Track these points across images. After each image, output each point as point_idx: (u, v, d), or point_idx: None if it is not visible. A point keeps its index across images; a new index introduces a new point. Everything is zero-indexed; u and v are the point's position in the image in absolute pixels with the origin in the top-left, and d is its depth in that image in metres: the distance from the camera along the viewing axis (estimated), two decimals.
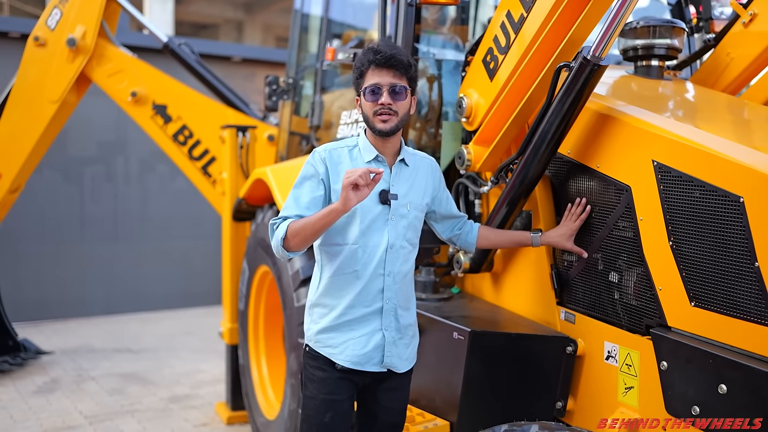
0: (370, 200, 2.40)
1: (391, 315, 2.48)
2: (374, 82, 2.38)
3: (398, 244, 2.47)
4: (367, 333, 2.45)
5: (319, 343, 2.47)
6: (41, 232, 8.42)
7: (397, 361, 2.52)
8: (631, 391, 2.58)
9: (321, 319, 2.48)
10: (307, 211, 2.40)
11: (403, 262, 2.50)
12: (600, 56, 2.51)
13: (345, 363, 2.44)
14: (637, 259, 2.57)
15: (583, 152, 2.82)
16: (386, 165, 2.48)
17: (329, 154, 2.46)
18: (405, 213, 2.48)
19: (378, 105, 2.38)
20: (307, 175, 2.46)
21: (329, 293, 2.47)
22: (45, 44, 5.88)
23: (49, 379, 6.09)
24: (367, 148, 2.47)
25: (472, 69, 3.21)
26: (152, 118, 5.86)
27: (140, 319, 8.67)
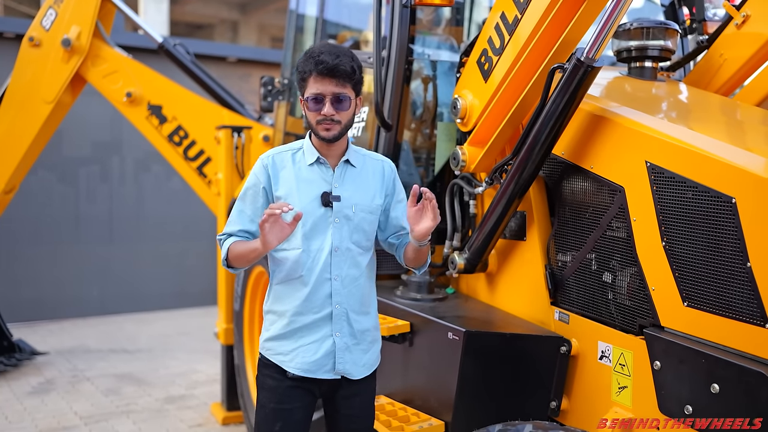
0: (312, 203, 2.35)
1: (343, 320, 2.40)
2: (317, 91, 2.29)
3: (344, 247, 2.39)
4: (317, 340, 2.38)
5: (270, 351, 2.42)
6: (36, 233, 8.40)
7: (352, 368, 2.43)
8: (624, 391, 2.59)
9: (271, 326, 2.44)
10: (251, 224, 2.39)
11: (352, 266, 2.41)
12: (593, 58, 2.52)
13: (295, 371, 2.37)
14: (631, 260, 2.59)
15: (577, 153, 2.83)
16: (329, 167, 2.40)
17: (272, 160, 2.41)
18: (350, 215, 2.39)
19: (321, 115, 2.30)
20: (249, 186, 2.43)
21: (279, 300, 2.42)
22: (40, 44, 5.87)
23: (44, 379, 6.08)
24: (310, 151, 2.41)
25: (467, 70, 3.23)
26: (147, 118, 5.85)
27: (135, 319, 8.66)
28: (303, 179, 2.38)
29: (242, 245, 2.34)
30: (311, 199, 2.35)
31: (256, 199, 2.40)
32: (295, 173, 2.39)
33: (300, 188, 2.36)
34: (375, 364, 2.55)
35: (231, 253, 2.35)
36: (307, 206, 2.34)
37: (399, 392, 3.30)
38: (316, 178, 2.39)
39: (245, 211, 2.42)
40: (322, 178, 2.39)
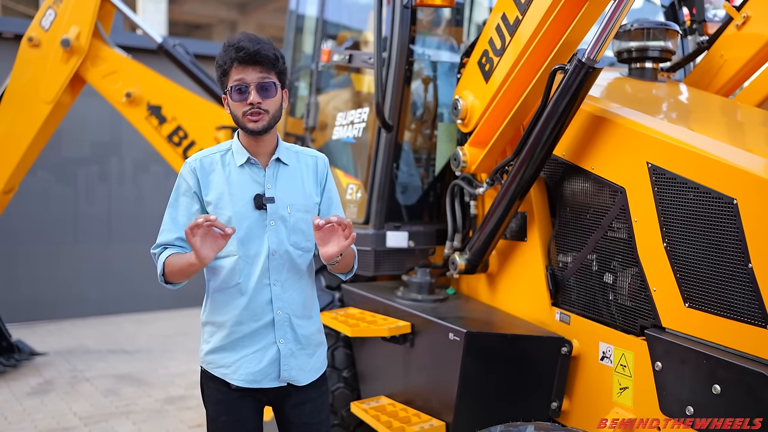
0: (245, 207, 2.23)
1: (286, 326, 2.29)
2: (240, 78, 2.16)
3: (282, 250, 2.27)
4: (260, 348, 2.26)
5: (212, 364, 2.29)
6: (35, 233, 8.38)
7: (298, 374, 2.31)
8: (625, 392, 2.59)
9: (211, 338, 2.30)
10: (180, 232, 2.25)
11: (291, 269, 2.29)
12: (595, 59, 2.53)
13: (239, 383, 2.25)
14: (632, 261, 2.59)
15: (578, 154, 2.83)
16: (260, 167, 2.28)
17: (200, 164, 2.27)
18: (286, 216, 2.27)
19: (247, 105, 2.17)
20: (180, 192, 2.29)
21: (216, 310, 2.28)
22: (39, 45, 5.86)
23: (43, 380, 6.07)
24: (239, 151, 2.27)
25: (468, 71, 3.23)
26: (147, 119, 5.85)
27: (134, 319, 8.64)
28: (234, 182, 2.26)
29: (177, 259, 2.21)
30: (244, 203, 2.24)
31: (190, 205, 2.27)
32: (225, 176, 2.26)
33: (232, 192, 2.24)
34: (322, 368, 2.42)
35: (167, 268, 2.21)
36: (240, 210, 2.23)
37: (400, 393, 3.31)
38: (248, 179, 2.27)
39: (179, 219, 2.27)
40: (254, 179, 2.27)
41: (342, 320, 3.33)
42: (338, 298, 3.72)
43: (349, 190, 3.70)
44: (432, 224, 3.63)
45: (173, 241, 2.26)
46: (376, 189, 3.45)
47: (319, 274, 3.75)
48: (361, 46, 4.87)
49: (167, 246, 2.27)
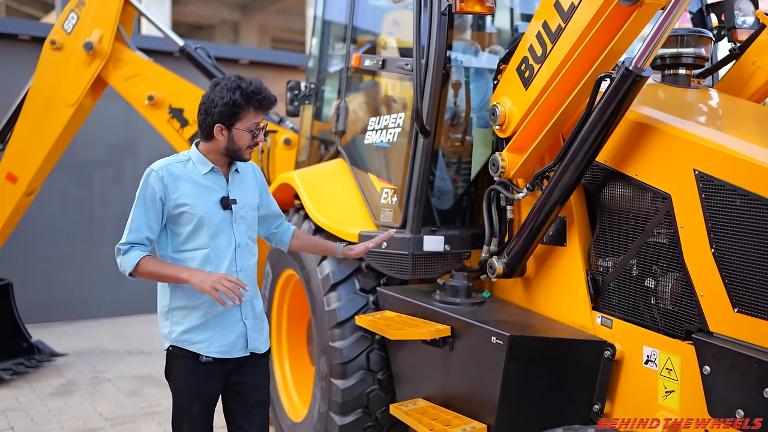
0: (214, 207, 2.65)
1: (248, 306, 2.74)
2: (255, 122, 2.63)
3: (243, 243, 2.72)
4: (230, 324, 2.69)
5: (186, 342, 2.66)
6: (51, 235, 8.41)
7: (259, 344, 2.78)
8: (671, 395, 2.63)
9: (183, 320, 2.67)
10: (150, 233, 2.63)
11: (250, 257, 2.77)
12: (642, 67, 2.57)
13: (214, 354, 2.65)
14: (677, 266, 2.63)
15: (620, 160, 2.87)
16: (221, 174, 2.72)
17: (167, 171, 2.63)
18: (244, 214, 2.74)
19: (253, 142, 2.66)
20: (146, 196, 2.62)
21: (187, 296, 2.66)
22: (61, 48, 5.90)
23: (65, 381, 6.11)
24: (202, 162, 2.69)
25: (506, 77, 3.27)
26: (169, 121, 5.87)
27: (148, 321, 8.66)
28: (202, 186, 2.66)
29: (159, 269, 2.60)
30: (211, 204, 2.65)
31: (154, 208, 2.62)
32: (192, 182, 2.65)
33: (201, 194, 2.65)
34: (269, 339, 2.90)
35: (143, 268, 2.59)
36: (209, 210, 2.64)
37: (438, 395, 3.34)
38: (212, 185, 2.69)
39: (147, 219, 2.62)
40: (217, 184, 2.70)
41: (381, 323, 3.37)
42: (372, 301, 3.76)
43: (384, 195, 3.74)
44: (467, 228, 3.67)
45: (142, 240, 2.63)
46: (413, 193, 3.49)
47: (353, 277, 3.79)
48: (379, 50, 4.91)
49: (134, 244, 2.63)
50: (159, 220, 2.64)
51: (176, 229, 2.67)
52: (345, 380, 3.66)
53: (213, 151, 2.69)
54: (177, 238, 2.68)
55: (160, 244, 2.73)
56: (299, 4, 19.99)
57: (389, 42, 4.81)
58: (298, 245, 3.13)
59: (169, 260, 2.69)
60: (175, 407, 2.73)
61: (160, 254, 2.75)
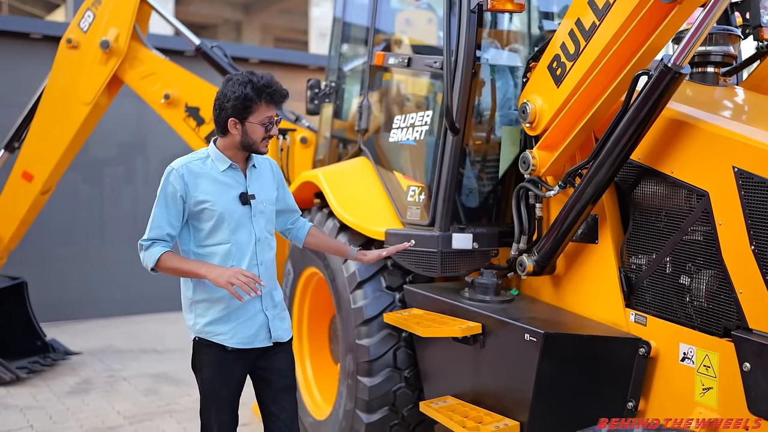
0: (234, 203, 2.70)
1: (268, 297, 2.80)
2: (269, 116, 2.68)
3: (263, 237, 2.77)
4: (251, 316, 2.74)
5: (210, 333, 2.72)
6: (62, 234, 8.40)
7: (282, 333, 2.84)
8: (709, 392, 2.64)
9: (206, 312, 2.73)
10: (172, 229, 2.68)
11: (269, 251, 2.81)
12: (681, 64, 2.57)
13: (237, 345, 2.72)
14: (715, 263, 2.63)
15: (655, 158, 2.88)
16: (239, 170, 2.76)
17: (187, 169, 2.68)
18: (263, 209, 2.79)
19: (267, 135, 2.70)
20: (167, 194, 2.69)
21: (208, 290, 2.71)
22: (78, 46, 5.89)
23: (80, 379, 6.10)
24: (220, 159, 2.73)
25: (536, 75, 3.27)
26: (185, 120, 5.86)
27: (159, 319, 8.67)
28: (221, 183, 2.71)
29: (179, 264, 2.65)
30: (230, 200, 2.70)
31: (175, 206, 2.67)
32: (211, 179, 2.70)
33: (221, 191, 2.70)
34: (291, 327, 2.96)
35: (164, 264, 2.64)
36: (229, 206, 2.69)
37: (468, 392, 3.35)
38: (231, 181, 2.73)
39: (168, 217, 2.68)
40: (236, 180, 2.74)
41: (411, 321, 3.37)
42: (398, 299, 3.76)
43: (411, 193, 3.74)
44: (494, 226, 3.67)
45: (164, 237, 2.68)
46: (442, 191, 3.49)
47: (379, 274, 3.79)
48: (393, 48, 4.91)
49: (156, 240, 2.68)
50: (180, 217, 2.70)
51: (198, 225, 2.73)
52: (372, 378, 3.67)
53: (230, 146, 2.74)
54: (199, 233, 2.73)
55: (182, 239, 2.78)
56: (302, 4, 20.02)
57: (404, 40, 4.81)
58: (313, 243, 3.13)
59: (192, 255, 2.75)
60: (203, 396, 2.80)
61: (182, 249, 2.80)
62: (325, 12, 19.08)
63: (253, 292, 2.55)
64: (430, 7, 5.05)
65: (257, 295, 2.59)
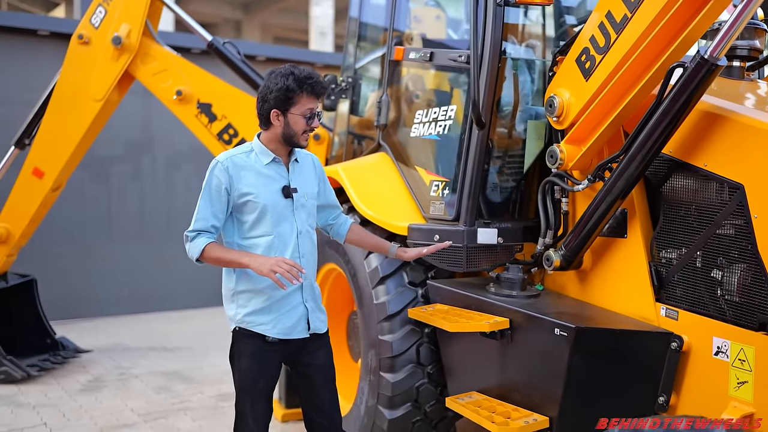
0: (277, 196, 2.76)
1: (308, 289, 2.85)
2: (311, 108, 2.73)
3: (304, 230, 2.82)
4: (292, 307, 2.79)
5: (251, 323, 2.77)
6: (69, 232, 8.36)
7: (320, 325, 2.89)
8: (744, 386, 2.62)
9: (248, 302, 2.78)
10: (216, 221, 2.74)
11: (310, 243, 2.86)
12: (717, 56, 2.56)
13: (277, 335, 2.77)
14: (750, 256, 2.62)
15: (687, 151, 2.86)
16: (282, 164, 2.81)
17: (231, 162, 2.74)
18: (305, 202, 2.84)
19: (308, 127, 2.76)
20: (212, 187, 2.74)
21: (251, 281, 2.77)
22: (89, 42, 5.86)
23: (92, 377, 6.07)
24: (264, 152, 2.79)
25: (564, 68, 3.25)
26: (197, 116, 5.84)
27: (166, 317, 8.64)
28: (264, 176, 2.76)
29: (223, 254, 2.70)
30: (273, 192, 2.76)
31: (219, 199, 2.73)
32: (255, 172, 2.76)
33: (264, 184, 2.75)
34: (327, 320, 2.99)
35: (208, 254, 2.69)
36: (272, 198, 2.75)
37: (494, 388, 3.33)
38: (274, 174, 2.78)
39: (212, 209, 2.73)
40: (279, 174, 2.79)
41: (438, 316, 3.36)
42: (421, 294, 3.74)
43: (434, 188, 3.72)
44: (518, 221, 3.65)
45: (208, 228, 2.73)
46: (467, 186, 3.47)
47: (401, 270, 3.77)
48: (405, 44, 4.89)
49: (201, 231, 2.73)
50: (224, 209, 2.75)
51: (241, 217, 2.78)
52: (395, 374, 3.65)
53: (272, 139, 2.79)
54: (243, 225, 2.78)
55: (226, 231, 2.83)
56: (302, 3, 20.00)
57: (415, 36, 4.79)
58: (354, 239, 3.18)
59: (236, 247, 2.80)
60: (240, 387, 2.83)
61: (226, 241, 2.84)
62: (325, 11, 19.06)
63: (295, 280, 2.57)
64: (438, 4, 5.04)
65: (299, 283, 2.62)
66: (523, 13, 4.64)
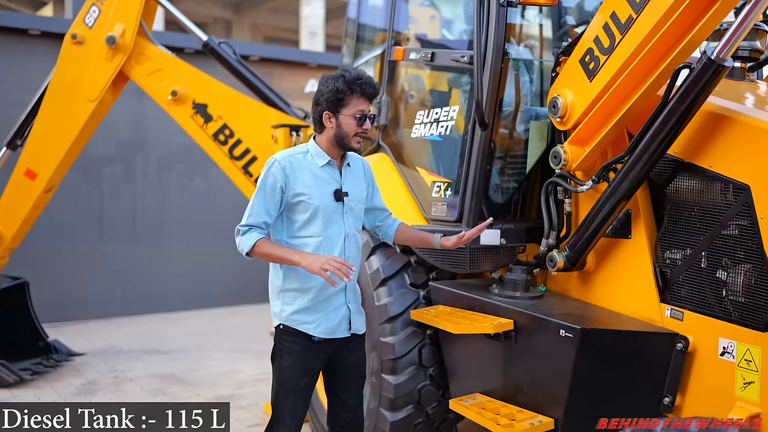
0: (329, 198, 2.80)
1: (351, 290, 2.90)
2: (361, 109, 2.76)
3: (351, 233, 2.87)
4: (336, 308, 2.84)
5: (296, 321, 2.81)
6: (61, 233, 8.30)
7: (360, 326, 2.95)
8: (751, 386, 2.62)
9: (294, 301, 2.82)
10: (268, 218, 2.78)
11: (355, 247, 2.90)
12: (725, 57, 2.56)
13: (321, 334, 2.81)
14: (756, 257, 2.62)
15: (692, 152, 2.86)
16: (335, 167, 2.86)
17: (288, 162, 2.78)
18: (353, 206, 2.88)
19: (360, 129, 2.77)
20: (267, 184, 2.78)
21: (300, 279, 2.81)
22: (83, 42, 5.81)
23: (85, 380, 6.02)
24: (319, 154, 2.83)
25: (567, 69, 3.25)
26: (192, 117, 5.79)
27: (160, 319, 8.59)
28: (318, 178, 2.81)
29: (273, 250, 2.74)
30: (326, 195, 2.80)
31: (273, 196, 2.77)
32: (311, 173, 2.80)
33: (317, 185, 2.80)
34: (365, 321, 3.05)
35: (259, 249, 2.73)
36: (325, 200, 2.79)
37: (497, 389, 3.32)
38: (328, 177, 2.83)
39: (265, 206, 2.77)
40: (332, 177, 2.84)
41: (441, 318, 3.34)
42: (423, 295, 3.73)
43: (435, 189, 3.71)
44: (521, 222, 3.65)
45: (260, 224, 2.78)
46: (470, 187, 3.46)
47: (403, 271, 3.76)
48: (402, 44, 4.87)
49: (252, 227, 2.77)
50: (277, 207, 2.79)
51: (293, 217, 2.82)
52: (397, 376, 3.63)
53: (326, 141, 2.84)
54: (293, 225, 2.83)
55: (275, 229, 2.87)
56: (292, 2, 19.93)
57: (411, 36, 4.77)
58: (401, 237, 3.19)
59: (284, 245, 2.84)
60: (279, 384, 2.85)
61: (275, 238, 2.88)
62: (315, 11, 19.02)
63: (345, 278, 2.61)
64: (432, 4, 5.03)
65: (349, 280, 2.68)
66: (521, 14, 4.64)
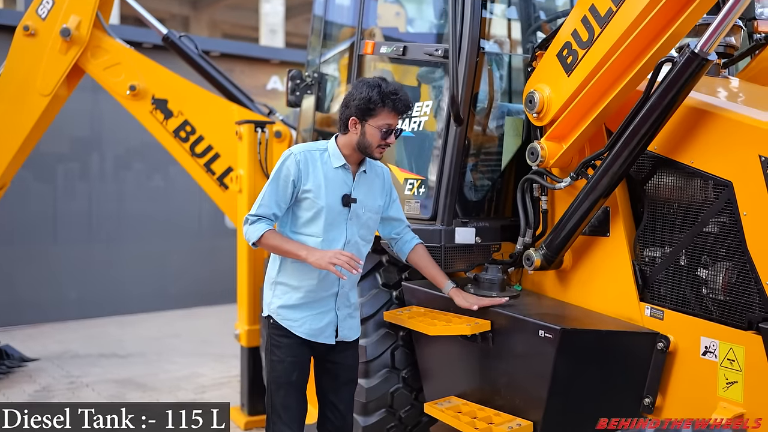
0: (336, 201, 2.76)
1: (344, 297, 2.87)
2: (389, 123, 2.72)
3: (353, 240, 2.82)
4: (322, 311, 2.81)
5: (280, 316, 2.80)
6: (11, 233, 7.97)
7: (349, 333, 2.91)
8: (733, 386, 2.58)
9: (284, 295, 2.82)
10: (278, 210, 2.76)
11: (358, 255, 2.83)
12: (708, 51, 2.51)
13: (303, 335, 2.80)
14: (738, 254, 2.59)
15: (673, 148, 2.82)
16: (350, 172, 2.82)
17: (304, 156, 2.76)
18: (361, 214, 2.83)
19: (384, 142, 2.74)
20: (280, 176, 2.75)
21: (294, 275, 2.80)
22: (35, 34, 5.55)
23: (39, 387, 5.76)
24: (337, 156, 2.80)
25: (544, 64, 3.18)
26: (152, 113, 5.60)
27: (117, 322, 8.31)
28: (330, 179, 2.76)
29: (280, 243, 2.73)
30: (334, 198, 2.75)
31: (285, 189, 2.74)
32: (323, 172, 2.76)
33: (327, 186, 2.75)
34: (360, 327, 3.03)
35: (266, 240, 2.72)
36: (331, 203, 2.75)
37: (474, 392, 3.24)
38: (340, 180, 2.78)
39: (276, 197, 2.75)
40: (344, 181, 2.79)
41: (416, 319, 3.25)
42: (395, 296, 3.63)
43: (408, 186, 3.61)
44: (496, 220, 3.57)
45: (269, 215, 2.76)
46: (444, 184, 3.37)
47: (375, 271, 3.65)
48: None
49: (261, 217, 2.75)
50: (288, 199, 2.77)
51: (297, 212, 2.81)
52: (369, 379, 3.52)
53: (347, 145, 2.79)
54: (297, 220, 2.81)
55: (280, 221, 2.85)
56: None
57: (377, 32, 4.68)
58: (414, 261, 3.12)
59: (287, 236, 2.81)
60: (272, 379, 2.83)
61: (278, 229, 2.86)
62: (275, 8, 18.78)
63: (354, 270, 2.62)
64: (397, 1, 4.94)
65: (358, 273, 2.67)
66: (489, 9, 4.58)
